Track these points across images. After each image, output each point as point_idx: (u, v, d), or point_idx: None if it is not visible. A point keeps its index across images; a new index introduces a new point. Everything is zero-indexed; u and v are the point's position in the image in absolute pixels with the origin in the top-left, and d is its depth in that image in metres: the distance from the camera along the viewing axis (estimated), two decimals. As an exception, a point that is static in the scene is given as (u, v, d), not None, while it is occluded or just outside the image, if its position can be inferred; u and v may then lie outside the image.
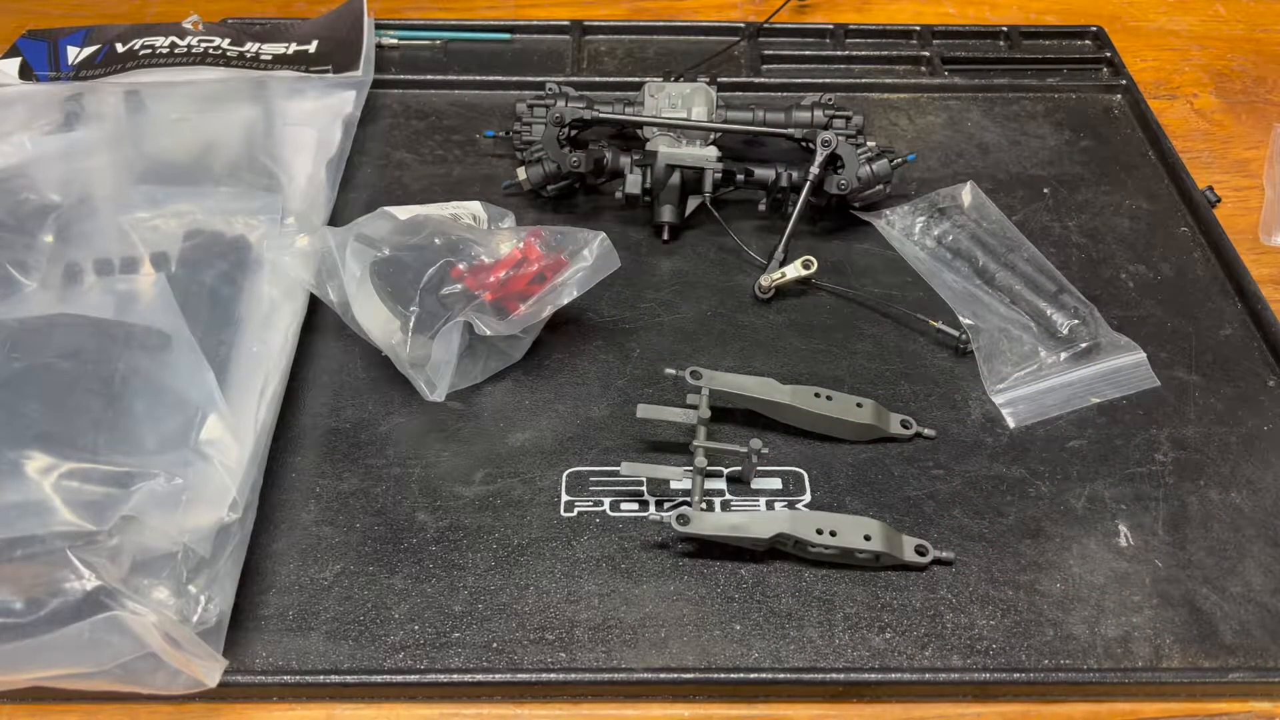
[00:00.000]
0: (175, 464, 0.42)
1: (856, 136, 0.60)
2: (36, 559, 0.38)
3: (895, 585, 0.44)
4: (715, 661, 0.41)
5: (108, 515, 0.39)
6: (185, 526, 0.40)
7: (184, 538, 0.40)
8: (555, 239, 0.50)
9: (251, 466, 0.44)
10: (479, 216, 0.54)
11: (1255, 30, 0.79)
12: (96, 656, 0.38)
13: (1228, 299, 0.57)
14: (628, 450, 0.49)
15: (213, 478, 0.42)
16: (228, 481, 0.42)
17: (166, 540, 0.40)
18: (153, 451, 0.42)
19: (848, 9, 0.79)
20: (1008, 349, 0.53)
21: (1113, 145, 0.67)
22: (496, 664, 0.41)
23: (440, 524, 0.46)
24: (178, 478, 0.41)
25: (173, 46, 0.68)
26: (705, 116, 0.60)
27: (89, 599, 0.38)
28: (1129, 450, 0.49)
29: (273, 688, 0.41)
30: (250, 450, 0.45)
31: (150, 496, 0.40)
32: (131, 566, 0.39)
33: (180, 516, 0.41)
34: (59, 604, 0.38)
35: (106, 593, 0.38)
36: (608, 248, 0.49)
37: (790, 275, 0.55)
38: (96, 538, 0.39)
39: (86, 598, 0.38)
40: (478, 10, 0.79)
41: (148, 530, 0.40)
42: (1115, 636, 0.42)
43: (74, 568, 0.38)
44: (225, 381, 0.47)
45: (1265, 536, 0.46)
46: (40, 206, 0.55)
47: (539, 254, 0.49)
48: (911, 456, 0.49)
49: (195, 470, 0.42)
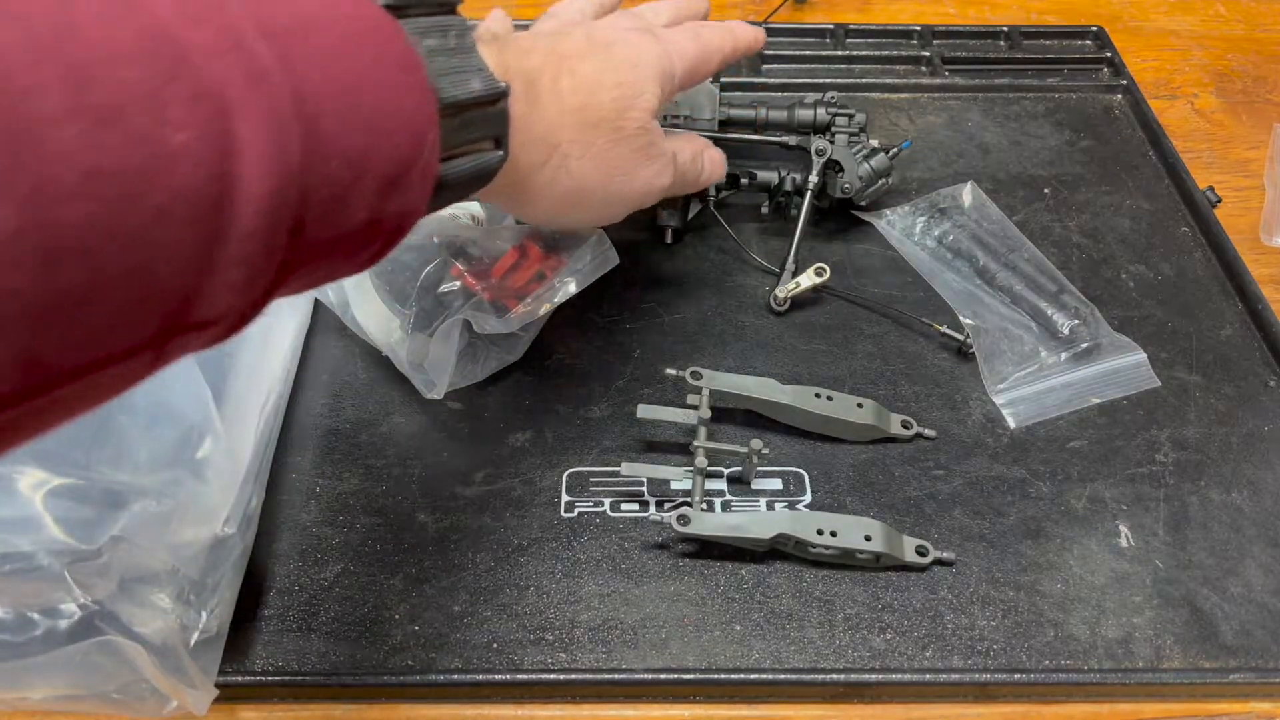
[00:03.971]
0: (169, 482, 0.41)
1: (859, 135, 0.60)
2: (28, 576, 0.38)
3: (896, 586, 0.44)
4: (715, 662, 0.41)
5: (100, 532, 0.39)
6: (181, 542, 0.40)
7: (179, 553, 0.40)
8: (554, 238, 0.50)
9: (249, 480, 0.44)
10: (478, 216, 0.54)
11: (1255, 30, 0.79)
12: (88, 680, 0.38)
13: (1228, 299, 0.57)
14: (628, 450, 0.49)
15: (208, 495, 0.42)
16: (223, 498, 0.42)
17: (163, 555, 0.40)
18: (147, 468, 0.42)
19: (848, 9, 0.79)
20: (1008, 349, 0.53)
21: (1113, 145, 0.67)
22: (496, 664, 0.41)
23: (440, 524, 0.46)
24: (169, 496, 0.40)
25: None
26: (709, 115, 0.60)
27: (82, 620, 0.38)
28: (1130, 450, 0.49)
29: (273, 688, 0.41)
30: (248, 465, 0.44)
31: (144, 513, 0.40)
32: (124, 582, 0.39)
33: (174, 533, 0.40)
34: (50, 624, 0.38)
35: (100, 615, 0.38)
36: (606, 245, 0.49)
37: (805, 285, 0.55)
38: (89, 555, 0.38)
39: (80, 619, 0.38)
40: (478, 10, 0.79)
41: (141, 548, 0.39)
42: (1116, 637, 0.42)
43: (67, 586, 0.38)
44: (224, 395, 0.46)
45: (1266, 537, 0.46)
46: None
47: (538, 253, 0.49)
48: (912, 457, 0.49)
49: (189, 488, 0.42)
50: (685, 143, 0.50)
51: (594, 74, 0.42)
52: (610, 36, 0.44)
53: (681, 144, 0.49)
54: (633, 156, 0.44)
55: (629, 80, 0.43)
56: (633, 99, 0.43)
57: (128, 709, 0.39)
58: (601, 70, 0.42)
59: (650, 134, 0.44)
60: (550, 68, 0.41)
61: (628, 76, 0.43)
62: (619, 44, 0.44)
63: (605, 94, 0.42)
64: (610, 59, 0.43)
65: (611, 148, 0.43)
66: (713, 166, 0.52)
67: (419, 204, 0.31)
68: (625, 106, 0.42)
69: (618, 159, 0.43)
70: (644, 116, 0.43)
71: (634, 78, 0.43)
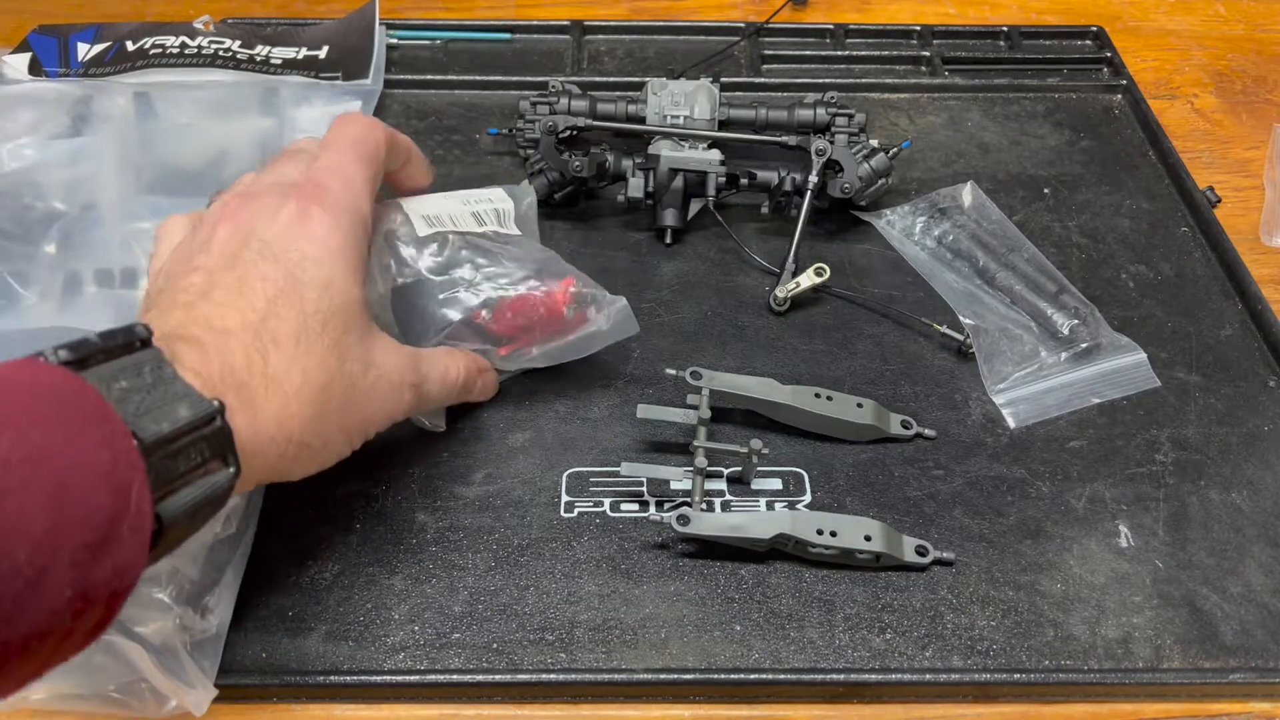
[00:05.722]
0: None
1: (859, 135, 0.60)
2: None
3: (896, 586, 0.44)
4: (715, 662, 0.41)
5: None
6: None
7: (179, 553, 0.40)
8: (585, 294, 0.47)
9: None
10: (503, 210, 0.51)
11: (1255, 30, 0.79)
12: (87, 679, 0.38)
13: (1228, 299, 0.57)
14: (628, 450, 0.49)
15: None
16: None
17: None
18: None
19: (848, 9, 0.79)
20: (1008, 349, 0.53)
21: (1113, 145, 0.67)
22: (496, 664, 0.41)
23: (440, 524, 0.46)
24: None
25: (183, 47, 0.68)
26: (709, 115, 0.60)
27: None
28: (1129, 450, 0.49)
29: (273, 688, 0.41)
30: None
31: None
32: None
33: None
34: None
35: None
36: (626, 314, 0.47)
37: (805, 285, 0.55)
38: None
39: None
40: (478, 10, 0.79)
41: None
42: (1116, 637, 0.42)
43: None
44: None
45: (1266, 537, 0.46)
46: (44, 214, 0.55)
47: (562, 313, 0.47)
48: (912, 457, 0.49)
49: None
50: (442, 360, 0.46)
51: (293, 332, 0.37)
52: (287, 256, 0.39)
53: (436, 361, 0.45)
54: (369, 397, 0.41)
55: (325, 309, 0.38)
56: (341, 334, 0.39)
57: (127, 709, 0.39)
58: (300, 323, 0.37)
59: (372, 364, 0.40)
60: (255, 353, 0.36)
61: (322, 305, 0.38)
62: (301, 265, 0.39)
63: (314, 358, 0.38)
64: (301, 295, 0.38)
65: (350, 411, 0.40)
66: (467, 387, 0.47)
67: (136, 558, 0.29)
68: (340, 355, 0.39)
69: (359, 413, 0.40)
70: (358, 348, 0.40)
71: (330, 305, 0.39)
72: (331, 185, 0.41)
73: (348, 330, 0.39)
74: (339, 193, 0.41)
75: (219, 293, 0.37)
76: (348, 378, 0.39)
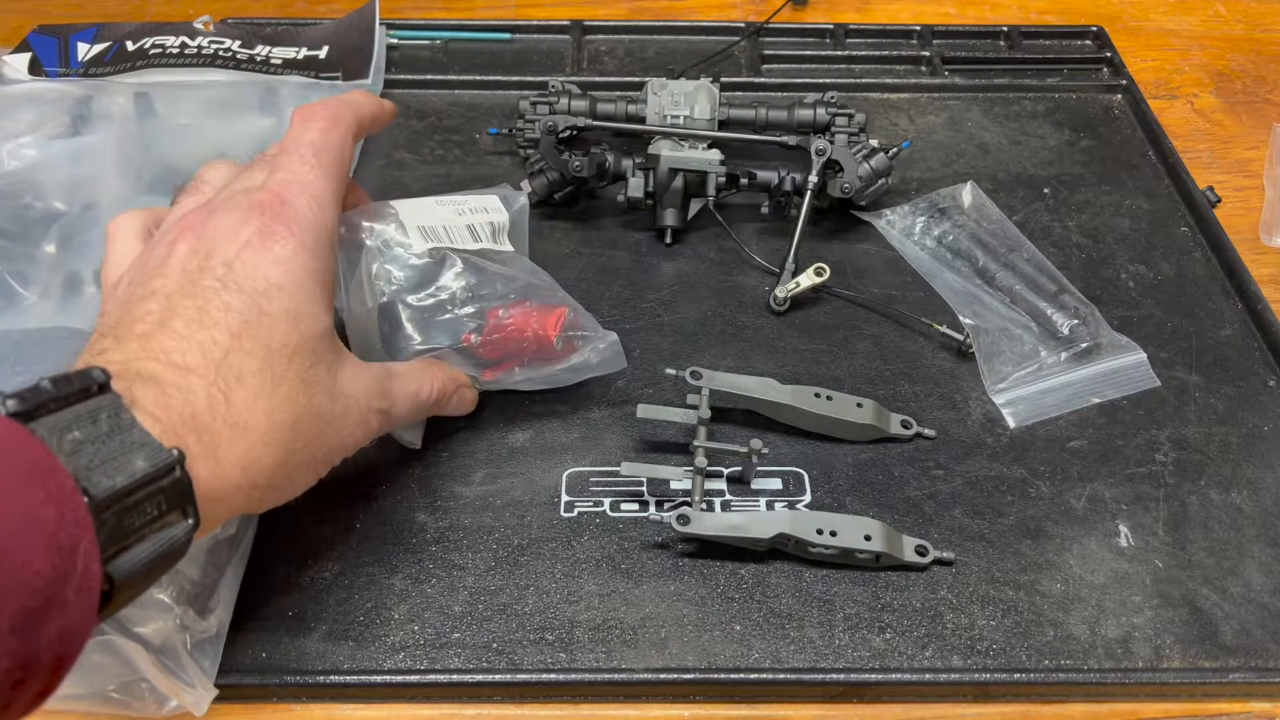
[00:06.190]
0: None
1: (859, 135, 0.60)
2: None
3: (895, 585, 0.44)
4: (715, 662, 0.41)
5: None
6: None
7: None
8: (576, 333, 0.47)
9: None
10: (497, 224, 0.50)
11: (1255, 30, 0.79)
12: (87, 679, 0.37)
13: (1228, 299, 0.57)
14: (628, 450, 0.49)
15: None
16: None
17: None
18: None
19: (848, 9, 0.79)
20: (1008, 349, 0.53)
21: (1113, 145, 0.67)
22: (496, 664, 0.41)
23: (440, 524, 0.46)
24: None
25: (183, 47, 0.68)
26: (708, 115, 0.60)
27: None
28: (1129, 450, 0.49)
29: (273, 688, 0.41)
30: None
31: None
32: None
33: None
34: None
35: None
36: (616, 351, 0.47)
37: (805, 284, 0.55)
38: None
39: None
40: (478, 10, 0.79)
41: None
42: (1115, 637, 0.42)
43: None
44: None
45: (1266, 537, 0.46)
46: (44, 214, 0.55)
47: (551, 343, 0.46)
48: (912, 457, 0.49)
49: None
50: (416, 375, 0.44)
51: (258, 369, 0.35)
52: (252, 283, 0.37)
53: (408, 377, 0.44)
54: (335, 428, 0.39)
55: (292, 344, 0.37)
56: (309, 368, 0.37)
57: (127, 708, 0.39)
58: (265, 359, 0.36)
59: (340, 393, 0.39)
60: (218, 391, 0.34)
61: (289, 340, 0.37)
62: (266, 294, 0.37)
63: (280, 395, 0.36)
64: (267, 329, 0.36)
65: (317, 445, 0.38)
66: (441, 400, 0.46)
67: (83, 621, 0.27)
68: (307, 389, 0.37)
69: (326, 445, 0.39)
70: (325, 378, 0.38)
71: (298, 339, 0.37)
72: (296, 202, 0.39)
73: (315, 363, 0.38)
74: (304, 210, 0.39)
75: (178, 323, 0.35)
76: (314, 410, 0.37)
